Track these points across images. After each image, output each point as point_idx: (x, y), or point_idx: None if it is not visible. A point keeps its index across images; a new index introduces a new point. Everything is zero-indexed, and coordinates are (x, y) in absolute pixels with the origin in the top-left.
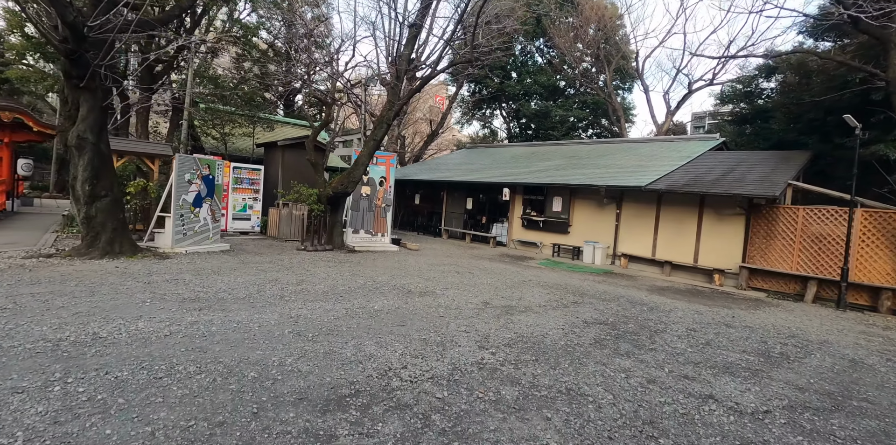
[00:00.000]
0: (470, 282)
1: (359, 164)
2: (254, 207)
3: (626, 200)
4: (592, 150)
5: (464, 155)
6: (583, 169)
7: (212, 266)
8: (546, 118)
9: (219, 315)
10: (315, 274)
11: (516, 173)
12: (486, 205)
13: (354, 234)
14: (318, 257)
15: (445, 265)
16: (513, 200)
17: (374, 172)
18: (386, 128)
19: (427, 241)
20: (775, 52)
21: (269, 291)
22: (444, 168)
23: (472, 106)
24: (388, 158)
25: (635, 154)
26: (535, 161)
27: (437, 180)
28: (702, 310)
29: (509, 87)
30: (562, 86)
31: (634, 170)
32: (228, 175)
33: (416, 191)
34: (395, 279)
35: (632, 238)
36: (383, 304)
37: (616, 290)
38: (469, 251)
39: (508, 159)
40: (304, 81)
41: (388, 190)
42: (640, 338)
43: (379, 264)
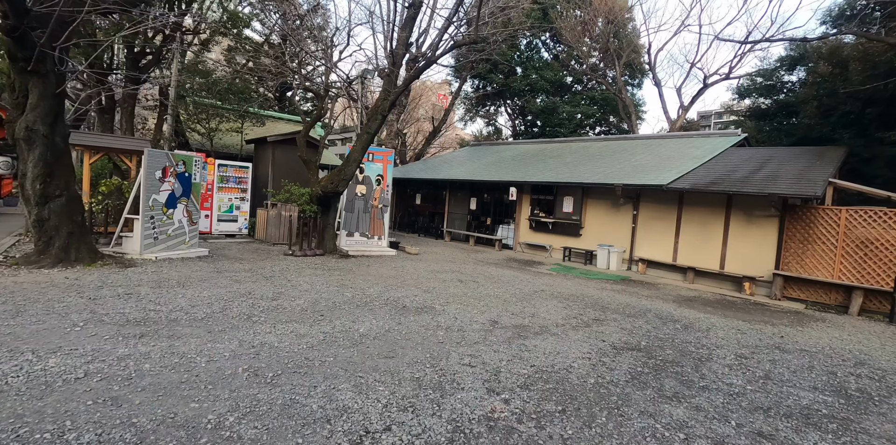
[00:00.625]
0: (475, 294)
1: (351, 161)
2: (241, 208)
3: (643, 200)
4: (604, 147)
5: (467, 153)
6: (595, 166)
7: (179, 276)
8: (553, 114)
9: (161, 344)
10: (297, 286)
11: (523, 171)
12: (490, 205)
13: (348, 237)
14: (306, 264)
15: (447, 272)
16: (519, 200)
17: (370, 170)
18: (381, 121)
19: (428, 244)
20: (824, 35)
21: (237, 309)
22: (447, 166)
23: (476, 102)
24: (386, 155)
25: (651, 150)
26: (543, 158)
27: (438, 179)
28: (743, 328)
29: (514, 83)
30: (568, 83)
31: (652, 168)
32: (213, 173)
33: (417, 190)
34: (390, 290)
35: (650, 241)
36: (371, 326)
37: (640, 302)
38: (473, 255)
39: (514, 157)
40: (295, 72)
41: (386, 189)
42: (684, 370)
43: (373, 272)
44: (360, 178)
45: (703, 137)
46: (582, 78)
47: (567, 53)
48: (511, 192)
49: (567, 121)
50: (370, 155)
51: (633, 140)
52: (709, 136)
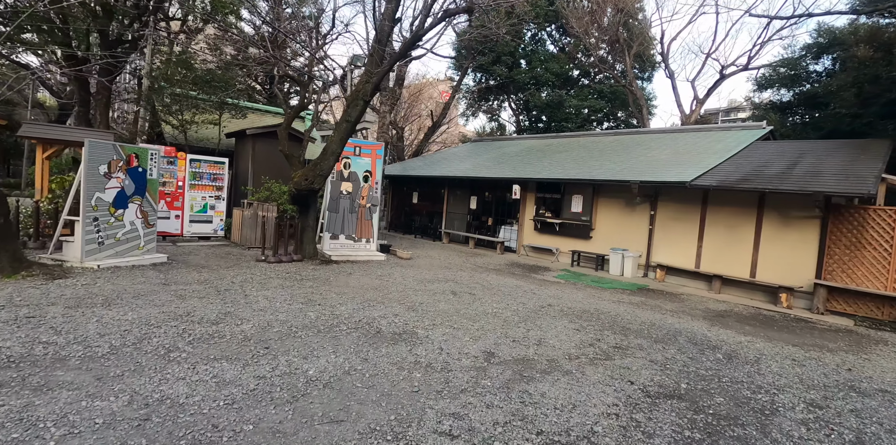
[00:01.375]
0: (469, 311)
1: (328, 154)
2: (216, 207)
3: (662, 199)
4: (616, 142)
5: (468, 149)
6: (607, 162)
7: (113, 290)
8: (559, 109)
9: (12, 404)
10: (253, 303)
11: (528, 168)
12: (492, 204)
13: (332, 241)
14: (277, 272)
15: (440, 281)
16: (523, 199)
17: (357, 166)
18: (362, 107)
19: (424, 247)
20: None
21: (159, 339)
22: (446, 163)
23: (478, 97)
24: (375, 149)
25: (667, 145)
26: (550, 154)
27: (436, 176)
28: (797, 357)
29: (518, 76)
30: (575, 76)
31: (671, 164)
32: (184, 169)
33: (414, 188)
34: (366, 308)
35: (670, 245)
36: (326, 365)
37: (665, 320)
38: (472, 259)
39: (518, 152)
40: (276, 58)
41: (375, 187)
42: (748, 433)
43: (353, 282)
44: (345, 175)
45: (723, 130)
46: (589, 71)
47: (574, 45)
48: (514, 190)
49: (574, 116)
50: (357, 149)
51: (647, 134)
52: (729, 130)
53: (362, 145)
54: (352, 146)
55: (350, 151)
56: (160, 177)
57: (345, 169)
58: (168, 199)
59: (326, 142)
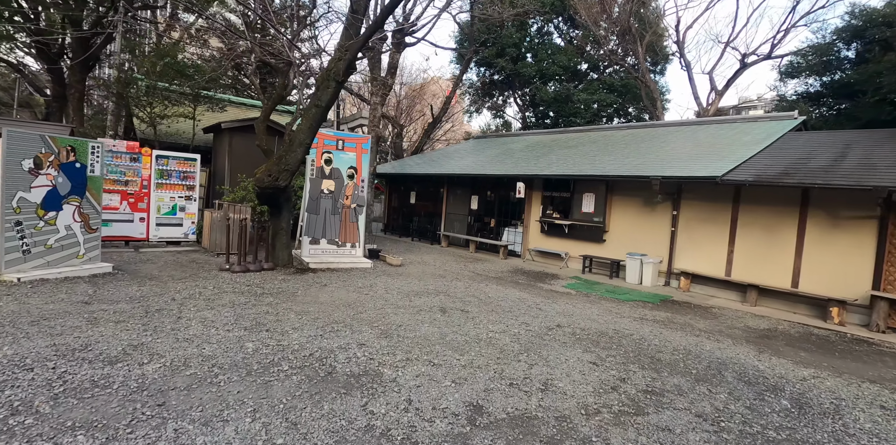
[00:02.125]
0: (457, 337)
1: (295, 145)
2: (187, 209)
3: (686, 197)
4: (629, 135)
5: (470, 145)
6: (622, 157)
7: (12, 312)
8: (567, 104)
9: None
10: (182, 329)
11: (533, 164)
12: (495, 204)
13: (312, 246)
14: (237, 285)
15: (430, 294)
16: (528, 198)
17: (340, 161)
18: (335, 89)
19: (420, 251)
20: None
21: (14, 390)
22: (446, 159)
23: (482, 92)
24: (360, 142)
25: (688, 138)
26: (557, 149)
27: (435, 174)
28: (885, 400)
29: (524, 69)
30: (584, 70)
31: (695, 157)
32: (150, 166)
33: (412, 187)
34: (326, 335)
35: (695, 250)
36: (230, 438)
37: (702, 346)
38: (472, 265)
39: (523, 148)
40: (251, 41)
41: (361, 185)
42: None
43: (324, 296)
44: (326, 172)
45: (749, 122)
46: (598, 64)
47: (583, 36)
48: (518, 189)
49: (583, 111)
50: (340, 142)
51: (663, 127)
52: (756, 121)
53: (346, 138)
54: (334, 139)
55: (332, 145)
56: (114, 174)
57: (326, 165)
58: (131, 200)
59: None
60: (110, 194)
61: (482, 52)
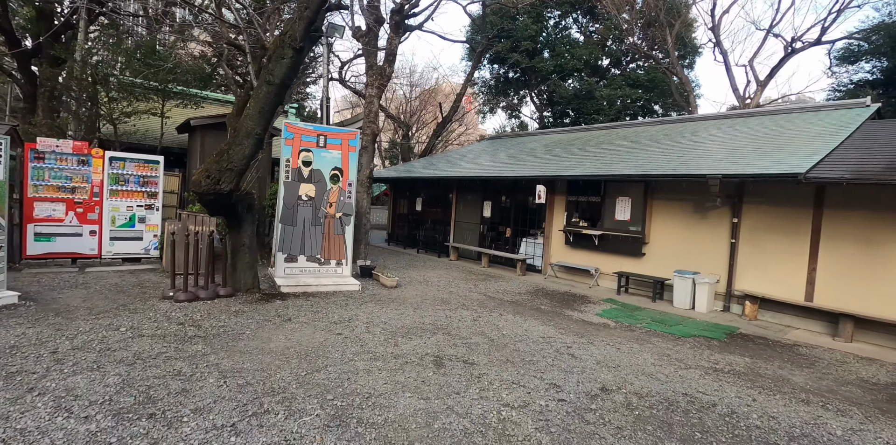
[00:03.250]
0: (451, 424)
1: (241, 136)
2: (148, 220)
3: (750, 201)
4: (665, 131)
5: (483, 147)
6: (661, 154)
7: None
8: (589, 100)
9: None
10: (22, 413)
11: (555, 164)
12: (510, 211)
13: (288, 264)
14: (168, 322)
15: (425, 332)
16: (550, 204)
17: (322, 161)
18: (293, 59)
19: (425, 266)
20: None
21: None
22: (455, 161)
23: (496, 91)
24: (347, 138)
25: (738, 131)
26: (581, 148)
27: (442, 177)
28: None
29: (541, 64)
30: (605, 66)
31: (759, 152)
32: (102, 170)
33: (418, 193)
34: (243, 426)
35: (763, 266)
36: None
37: (822, 422)
38: (483, 285)
39: (542, 148)
40: (220, 19)
41: (348, 190)
42: None
43: (278, 340)
44: (304, 174)
45: (809, 111)
46: (621, 59)
47: (606, 27)
48: (538, 193)
49: (607, 108)
50: (321, 138)
51: (703, 120)
52: (818, 110)
53: (329, 133)
54: (314, 134)
55: (312, 142)
56: (59, 180)
57: (304, 166)
58: (79, 210)
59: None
60: (54, 203)
61: (495, 45)
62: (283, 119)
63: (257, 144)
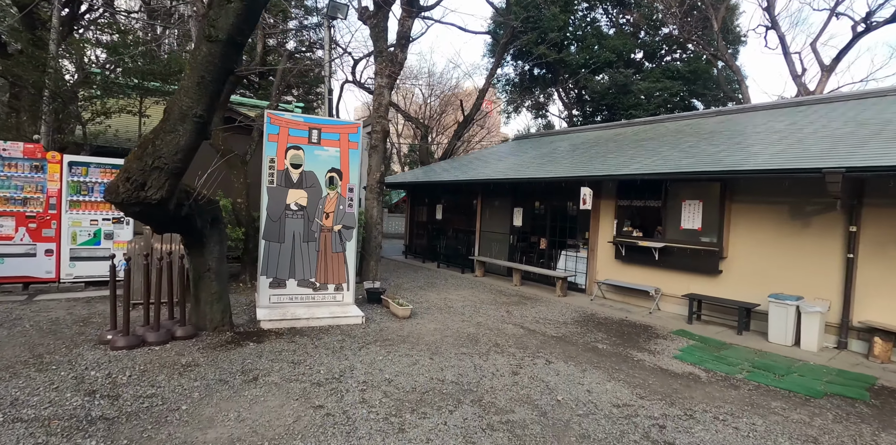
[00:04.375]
0: None
1: (173, 118)
2: (117, 236)
3: (873, 204)
4: (727, 121)
5: (509, 147)
6: (734, 146)
7: None
8: (624, 95)
9: None
10: None
11: (600, 163)
12: (546, 219)
13: (275, 290)
14: (77, 389)
15: (445, 399)
16: (596, 209)
17: (315, 161)
18: (239, 7)
19: (447, 285)
20: None
21: None
22: (480, 163)
23: (520, 88)
24: (347, 131)
25: (838, 117)
26: (624, 145)
27: (466, 181)
28: None
29: (570, 58)
30: (638, 59)
31: (884, 139)
32: (60, 178)
33: (438, 199)
34: None
35: (894, 290)
36: None
37: None
38: (518, 311)
39: (576, 146)
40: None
41: (349, 197)
42: None
43: (222, 426)
44: (293, 177)
45: None
46: (655, 51)
47: (641, 15)
48: (583, 196)
49: (645, 102)
50: (314, 132)
51: (774, 109)
52: None
53: (323, 126)
54: (305, 127)
55: (302, 137)
56: (7, 190)
57: (293, 167)
58: (32, 226)
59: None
60: (1, 218)
61: (520, 37)
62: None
63: (198, 131)
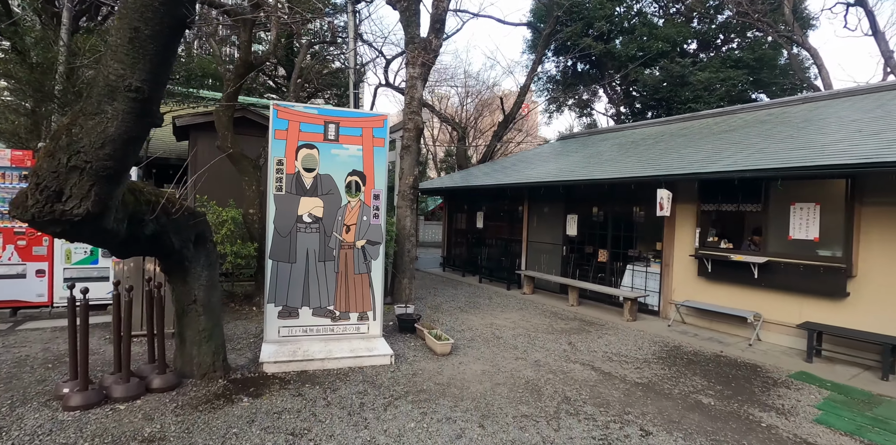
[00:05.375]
0: None
1: (97, 92)
2: None
3: None
4: (817, 110)
5: (555, 148)
6: (858, 133)
7: None
8: (682, 87)
9: None
10: None
11: (671, 161)
12: (606, 227)
13: (285, 321)
14: None
15: None
16: (671, 216)
17: (332, 162)
18: None
19: (492, 305)
20: None
21: None
22: (525, 166)
23: (563, 85)
24: (370, 126)
25: None
26: (696, 140)
27: (511, 184)
28: None
29: (618, 49)
30: (692, 50)
31: None
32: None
33: (478, 206)
34: None
35: None
36: None
37: None
38: (582, 342)
39: (636, 143)
40: None
41: (374, 206)
42: None
43: None
44: (306, 183)
45: None
46: (710, 40)
47: (691, 4)
48: (659, 200)
49: (706, 95)
50: (330, 127)
51: (863, 95)
52: None
53: (343, 119)
54: (320, 121)
55: (317, 133)
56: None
57: (306, 170)
58: (22, 243)
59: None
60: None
61: (563, 30)
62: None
63: (136, 112)
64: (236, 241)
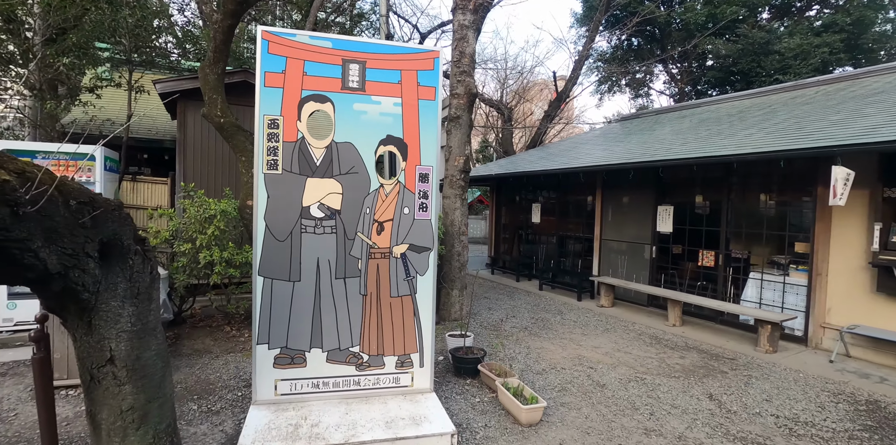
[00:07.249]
0: None
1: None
2: None
3: None
4: None
5: (615, 130)
6: None
7: None
8: (766, 56)
9: None
10: None
11: (814, 130)
12: (717, 220)
13: (284, 369)
14: None
15: None
16: (823, 204)
17: (354, 124)
18: None
19: (565, 323)
20: None
21: None
22: (587, 148)
23: (618, 61)
24: (415, 66)
25: None
26: (819, 108)
27: (575, 169)
28: None
29: (686, 15)
30: (766, 18)
31: None
32: None
33: (533, 197)
34: None
35: None
36: None
37: None
38: (722, 393)
39: (731, 115)
40: None
41: (421, 191)
42: None
43: None
44: (314, 156)
45: None
46: (791, 3)
47: None
48: (833, 182)
49: (796, 63)
50: (352, 69)
51: None
52: None
53: (371, 56)
54: (336, 60)
55: (331, 78)
56: None
57: (313, 137)
58: None
59: None
60: None
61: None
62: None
63: None
64: (228, 245)
